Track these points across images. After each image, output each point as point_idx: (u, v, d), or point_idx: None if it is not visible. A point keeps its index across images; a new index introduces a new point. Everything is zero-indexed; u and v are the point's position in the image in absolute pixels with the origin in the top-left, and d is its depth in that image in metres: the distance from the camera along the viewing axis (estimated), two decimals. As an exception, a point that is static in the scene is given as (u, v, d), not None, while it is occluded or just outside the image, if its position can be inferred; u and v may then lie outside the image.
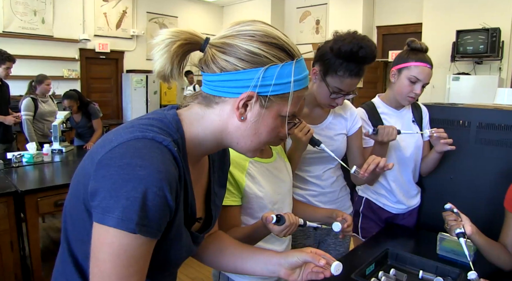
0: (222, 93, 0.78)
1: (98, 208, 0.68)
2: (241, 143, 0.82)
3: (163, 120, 0.79)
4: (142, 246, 0.69)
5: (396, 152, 1.83)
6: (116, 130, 0.78)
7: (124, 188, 0.66)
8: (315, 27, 8.04)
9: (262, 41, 0.75)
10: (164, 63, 0.75)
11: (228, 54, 0.75)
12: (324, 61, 1.47)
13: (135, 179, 0.67)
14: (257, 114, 0.78)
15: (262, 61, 0.75)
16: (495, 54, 5.88)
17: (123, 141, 0.71)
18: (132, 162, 0.68)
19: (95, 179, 0.70)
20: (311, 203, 1.66)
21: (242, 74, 0.75)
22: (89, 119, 4.50)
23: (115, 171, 0.68)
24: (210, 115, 0.81)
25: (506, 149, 1.82)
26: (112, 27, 7.62)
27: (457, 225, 1.41)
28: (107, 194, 0.67)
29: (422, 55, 1.73)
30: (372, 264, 1.45)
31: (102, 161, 0.70)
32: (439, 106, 2.07)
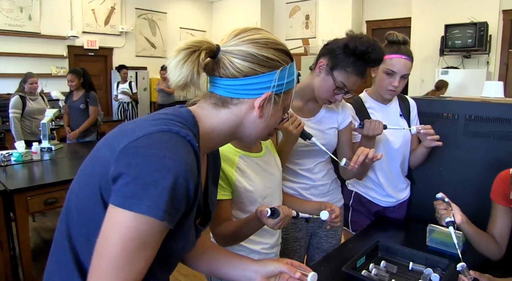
0: (242, 96, 0.86)
1: (119, 192, 0.70)
2: (252, 135, 0.92)
3: (180, 116, 0.83)
4: (158, 233, 0.73)
5: (385, 146, 1.84)
6: (137, 121, 0.81)
7: (153, 177, 0.69)
8: (305, 22, 8.04)
9: (274, 48, 0.86)
10: (188, 72, 0.79)
11: (248, 61, 0.83)
12: (335, 55, 1.49)
13: (165, 168, 0.70)
14: (272, 110, 0.88)
15: (276, 65, 0.86)
16: (483, 48, 5.95)
17: (149, 132, 0.74)
18: (161, 153, 0.71)
19: (118, 165, 0.72)
20: (303, 196, 1.67)
21: (262, 77, 0.85)
22: (85, 103, 4.51)
23: (142, 159, 0.70)
24: (227, 114, 0.87)
25: (493, 141, 1.84)
26: (100, 23, 7.55)
27: (447, 214, 1.43)
28: (132, 181, 0.69)
29: (397, 47, 1.72)
30: (363, 256, 1.46)
31: (128, 149, 0.72)
32: (427, 99, 2.08)
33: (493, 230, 1.53)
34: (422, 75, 6.51)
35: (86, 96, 4.52)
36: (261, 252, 1.42)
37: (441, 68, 6.21)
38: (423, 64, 6.52)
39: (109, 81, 7.83)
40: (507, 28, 6.10)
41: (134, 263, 0.72)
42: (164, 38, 8.66)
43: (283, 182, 1.59)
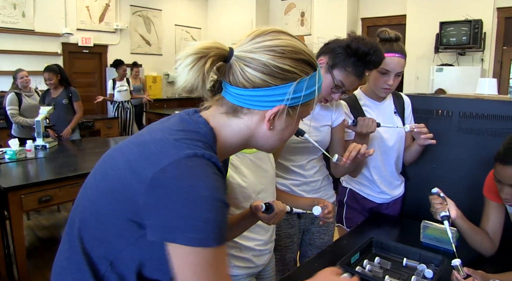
0: (252, 106, 0.81)
1: (161, 227, 0.71)
2: (266, 145, 0.89)
3: (199, 132, 0.81)
4: (220, 253, 0.74)
5: (379, 143, 1.84)
6: (157, 142, 0.77)
7: (195, 210, 0.70)
8: (300, 19, 8.03)
9: (292, 58, 0.79)
10: (194, 79, 0.76)
11: (260, 71, 0.78)
12: (336, 54, 1.51)
13: (203, 199, 0.71)
14: (284, 123, 0.83)
15: (293, 77, 0.79)
16: (477, 45, 5.96)
17: (174, 159, 0.73)
18: (194, 184, 0.71)
19: (150, 198, 0.72)
20: (294, 192, 1.68)
21: (274, 90, 0.79)
22: (68, 99, 4.46)
23: (177, 193, 0.70)
24: (238, 124, 0.84)
25: (487, 138, 1.85)
26: (95, 20, 7.50)
27: (442, 208, 1.44)
28: (173, 216, 0.70)
29: (390, 45, 1.72)
30: (357, 253, 1.47)
31: (156, 180, 0.71)
32: (421, 96, 2.09)
33: (486, 226, 1.54)
34: (417, 72, 6.52)
35: (67, 92, 4.47)
36: (255, 249, 1.42)
37: (436, 65, 6.22)
38: (418, 61, 6.53)
39: (104, 78, 7.78)
40: (501, 25, 6.12)
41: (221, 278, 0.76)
42: (159, 35, 8.62)
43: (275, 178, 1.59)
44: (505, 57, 6.18)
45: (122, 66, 6.55)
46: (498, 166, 1.32)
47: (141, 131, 0.88)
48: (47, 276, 2.97)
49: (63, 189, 2.86)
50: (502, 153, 1.31)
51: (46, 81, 4.35)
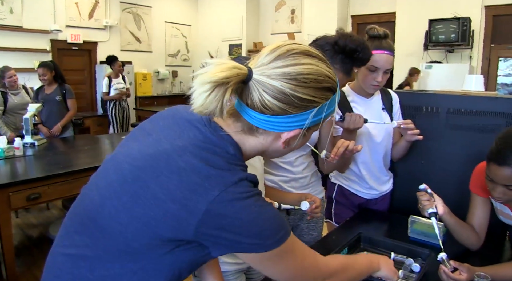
0: (268, 129, 0.80)
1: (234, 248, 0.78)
2: (275, 156, 0.93)
3: (230, 153, 0.81)
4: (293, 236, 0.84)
5: (367, 139, 1.86)
6: (197, 170, 0.75)
7: (259, 223, 0.76)
8: (291, 16, 8.04)
9: (315, 88, 0.77)
10: (212, 106, 0.73)
11: (279, 101, 0.75)
12: (324, 51, 1.50)
13: (258, 211, 0.76)
14: (298, 141, 0.85)
15: (313, 105, 0.78)
16: (466, 43, 6.02)
17: (224, 188, 0.74)
18: (246, 205, 0.75)
19: (205, 228, 0.74)
20: (283, 189, 1.69)
21: (293, 117, 0.78)
22: (62, 96, 4.41)
23: (235, 217, 0.74)
24: (254, 141, 0.84)
25: (474, 134, 1.88)
26: (84, 17, 7.43)
27: (429, 204, 1.46)
28: (239, 238, 0.75)
29: (379, 42, 1.73)
30: (345, 248, 1.48)
31: (211, 211, 0.73)
32: (409, 93, 2.11)
33: (472, 220, 1.57)
34: (407, 69, 6.56)
35: (62, 89, 4.42)
36: (244, 245, 1.42)
37: (425, 62, 6.28)
38: (407, 58, 6.57)
39: (93, 76, 7.72)
40: (489, 23, 6.19)
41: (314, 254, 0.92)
42: (149, 32, 8.57)
43: (264, 175, 1.59)
44: (493, 55, 6.26)
45: (117, 62, 6.31)
46: (493, 166, 1.30)
47: (147, 131, 0.87)
48: (37, 275, 2.96)
49: (52, 187, 2.84)
50: (497, 153, 1.29)
51: (40, 77, 4.29)
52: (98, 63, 7.69)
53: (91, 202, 0.85)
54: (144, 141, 0.84)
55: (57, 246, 0.89)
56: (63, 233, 0.90)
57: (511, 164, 1.25)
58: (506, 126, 1.81)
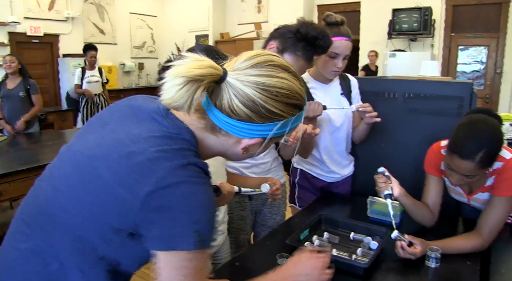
0: (231, 132, 0.81)
1: (159, 237, 0.73)
2: (234, 160, 0.94)
3: (185, 139, 0.80)
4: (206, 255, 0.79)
5: (327, 125, 1.90)
6: (147, 154, 0.75)
7: (192, 215, 0.73)
8: (257, 6, 8.02)
9: (284, 103, 0.78)
10: (182, 101, 0.74)
11: (248, 107, 0.76)
12: (286, 39, 1.55)
13: (200, 205, 0.74)
14: (258, 149, 0.85)
15: (279, 118, 0.79)
16: (428, 32, 6.21)
17: (171, 169, 0.73)
18: (191, 191, 0.74)
19: (149, 212, 0.73)
20: (245, 175, 1.71)
21: (258, 126, 0.79)
22: (26, 91, 4.25)
23: (175, 201, 0.72)
24: (215, 140, 0.84)
25: (429, 117, 1.96)
26: (44, 8, 7.16)
27: (385, 186, 1.52)
28: (171, 223, 0.72)
29: (337, 29, 1.76)
30: (306, 229, 1.52)
31: (154, 193, 0.72)
32: (368, 79, 2.17)
33: (427, 199, 1.64)
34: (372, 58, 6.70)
35: (26, 84, 4.27)
36: (207, 230, 1.44)
37: (389, 51, 6.43)
38: (372, 47, 6.71)
39: (56, 70, 7.47)
40: (449, 13, 6.39)
41: None
42: (114, 24, 8.36)
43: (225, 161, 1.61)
44: (453, 43, 6.48)
45: (90, 51, 5.74)
46: (456, 159, 1.35)
47: (104, 121, 0.86)
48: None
49: (14, 184, 2.76)
50: (460, 146, 1.34)
51: (6, 63, 4.12)
52: (61, 56, 7.46)
53: (43, 194, 0.84)
54: (100, 131, 0.84)
55: (9, 241, 0.87)
56: (14, 227, 0.87)
57: (473, 158, 1.32)
58: (458, 109, 1.89)
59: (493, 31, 6.17)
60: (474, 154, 1.31)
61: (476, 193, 1.57)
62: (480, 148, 1.31)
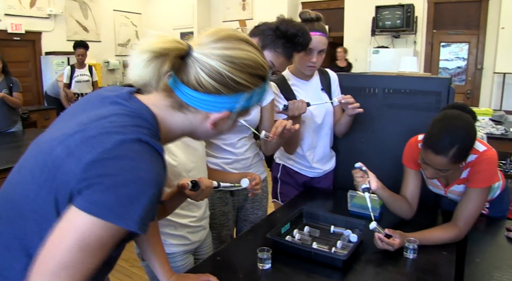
0: (200, 108, 0.81)
1: (89, 198, 0.69)
2: (203, 138, 0.93)
3: (143, 117, 0.79)
4: (118, 238, 0.73)
5: (309, 120, 1.92)
6: (97, 123, 0.75)
7: (127, 188, 0.69)
8: (242, 3, 8.01)
9: (249, 73, 0.80)
10: (149, 77, 0.74)
11: (214, 79, 0.78)
12: (266, 36, 1.57)
13: (140, 180, 0.71)
14: (226, 124, 0.86)
15: (245, 89, 0.81)
16: (410, 28, 6.28)
17: (118, 142, 0.72)
18: (135, 165, 0.71)
19: (87, 177, 0.70)
20: (226, 171, 1.72)
21: (224, 98, 0.80)
22: (9, 89, 4.17)
23: (116, 171, 0.70)
24: (182, 118, 0.84)
25: (409, 112, 1.99)
26: (25, 5, 7.04)
27: (363, 181, 1.55)
28: (105, 191, 0.69)
29: (311, 25, 1.79)
30: (287, 223, 1.55)
31: (97, 161, 0.70)
32: (349, 75, 2.21)
33: (405, 192, 1.68)
34: (356, 54, 6.76)
35: (8, 82, 4.21)
36: (189, 225, 1.45)
37: (373, 47, 6.49)
38: (356, 44, 6.76)
39: (38, 68, 7.35)
40: (431, 10, 6.47)
41: (87, 264, 0.72)
42: (97, 21, 8.26)
43: (207, 157, 1.62)
44: (435, 40, 6.57)
45: (78, 49, 5.55)
46: (430, 154, 1.40)
47: (72, 112, 0.86)
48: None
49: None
50: (435, 142, 1.38)
51: None
52: (44, 54, 7.35)
53: (9, 184, 0.85)
54: (68, 120, 0.84)
55: None
56: None
57: (447, 153, 1.36)
58: (436, 103, 1.93)
59: (473, 28, 6.28)
60: (448, 150, 1.35)
61: (453, 185, 1.61)
62: (453, 144, 1.35)
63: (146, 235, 1.15)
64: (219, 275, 1.23)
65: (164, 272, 1.19)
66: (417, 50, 6.44)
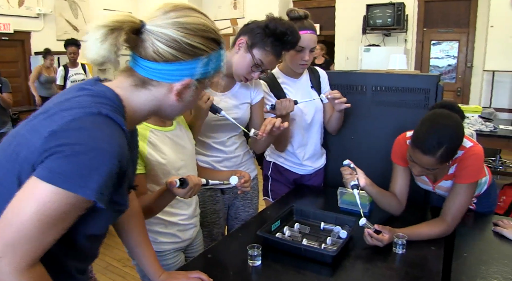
0: (160, 79, 0.84)
1: (48, 167, 0.71)
2: (171, 115, 0.94)
3: (106, 96, 0.81)
4: (80, 209, 0.75)
5: (299, 118, 1.93)
6: (61, 104, 0.78)
7: (86, 157, 0.71)
8: (233, 2, 8.00)
9: (202, 36, 0.84)
10: (106, 52, 0.76)
11: (171, 47, 0.81)
12: (255, 34, 1.57)
13: (99, 150, 0.72)
14: (191, 95, 0.88)
15: (201, 53, 0.84)
16: (401, 27, 6.32)
17: (79, 115, 0.74)
18: (95, 135, 0.73)
19: (47, 148, 0.72)
20: (216, 169, 1.73)
21: (183, 64, 0.83)
22: None
23: (76, 142, 0.72)
24: (147, 94, 0.86)
25: (397, 109, 2.01)
26: (13, 4, 6.96)
27: (352, 178, 1.56)
28: (64, 159, 0.71)
29: (301, 23, 1.79)
30: (278, 220, 1.55)
31: (57, 132, 0.72)
32: (339, 72, 2.21)
33: (394, 188, 1.69)
34: (347, 52, 6.79)
35: None
36: (179, 224, 1.45)
37: (364, 46, 6.52)
38: (347, 42, 6.80)
39: (28, 68, 7.28)
40: (421, 8, 6.52)
41: (46, 235, 0.73)
42: (87, 21, 8.19)
43: (197, 155, 1.63)
44: (426, 38, 6.62)
45: (69, 47, 5.49)
46: (418, 153, 1.41)
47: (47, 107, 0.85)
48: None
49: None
50: (423, 142, 1.40)
51: None
52: (33, 54, 7.28)
53: None
54: (41, 112, 0.84)
55: None
56: None
57: (434, 153, 1.38)
58: (425, 101, 1.95)
59: (463, 26, 6.34)
60: (435, 150, 1.37)
61: (440, 181, 1.63)
62: (441, 144, 1.37)
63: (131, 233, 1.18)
64: (210, 273, 1.23)
65: (153, 270, 1.19)
66: (408, 48, 6.48)
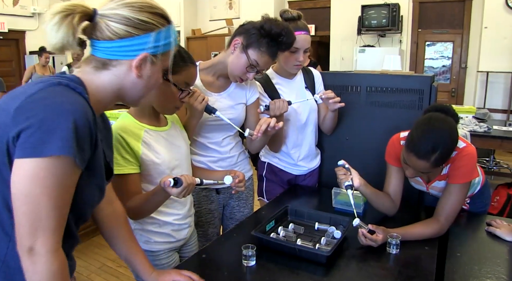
0: (119, 57, 0.91)
1: (26, 144, 0.75)
2: (134, 95, 0.98)
3: (67, 76, 0.88)
4: (73, 173, 0.81)
5: (293, 119, 1.94)
6: (25, 86, 0.86)
7: (55, 121, 0.76)
8: (229, 3, 8.00)
9: (149, 12, 0.91)
10: (63, 35, 0.82)
11: (123, 24, 0.88)
12: (250, 35, 1.57)
13: (64, 112, 0.78)
14: (149, 70, 0.94)
15: (151, 27, 0.91)
16: (396, 28, 6.35)
17: (40, 88, 0.81)
18: (58, 100, 0.79)
19: (16, 123, 0.76)
20: (211, 169, 1.73)
21: (137, 39, 0.90)
22: None
23: (41, 109, 0.77)
24: (108, 75, 0.92)
25: (391, 109, 2.02)
26: (8, 3, 6.94)
27: (346, 178, 1.56)
28: (36, 130, 0.75)
29: (295, 24, 1.80)
30: (272, 220, 1.56)
31: (23, 106, 0.78)
32: (333, 73, 2.22)
33: (388, 188, 1.70)
34: (342, 53, 6.81)
35: None
36: (174, 223, 1.45)
37: (359, 46, 6.54)
38: (342, 43, 6.82)
39: (22, 67, 7.27)
40: (416, 9, 6.55)
41: (61, 208, 0.80)
42: (83, 20, 8.18)
43: (192, 156, 1.63)
44: (420, 39, 6.65)
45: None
46: (412, 157, 1.42)
47: None
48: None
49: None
50: (418, 146, 1.41)
51: None
52: (28, 53, 7.26)
53: None
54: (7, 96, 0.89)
55: None
56: None
57: (429, 158, 1.39)
58: (419, 101, 1.96)
59: (457, 27, 6.37)
60: (430, 155, 1.39)
61: (434, 182, 1.64)
62: (436, 149, 1.38)
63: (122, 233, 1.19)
64: (204, 273, 1.23)
65: (144, 269, 1.19)
66: (402, 49, 6.51)
